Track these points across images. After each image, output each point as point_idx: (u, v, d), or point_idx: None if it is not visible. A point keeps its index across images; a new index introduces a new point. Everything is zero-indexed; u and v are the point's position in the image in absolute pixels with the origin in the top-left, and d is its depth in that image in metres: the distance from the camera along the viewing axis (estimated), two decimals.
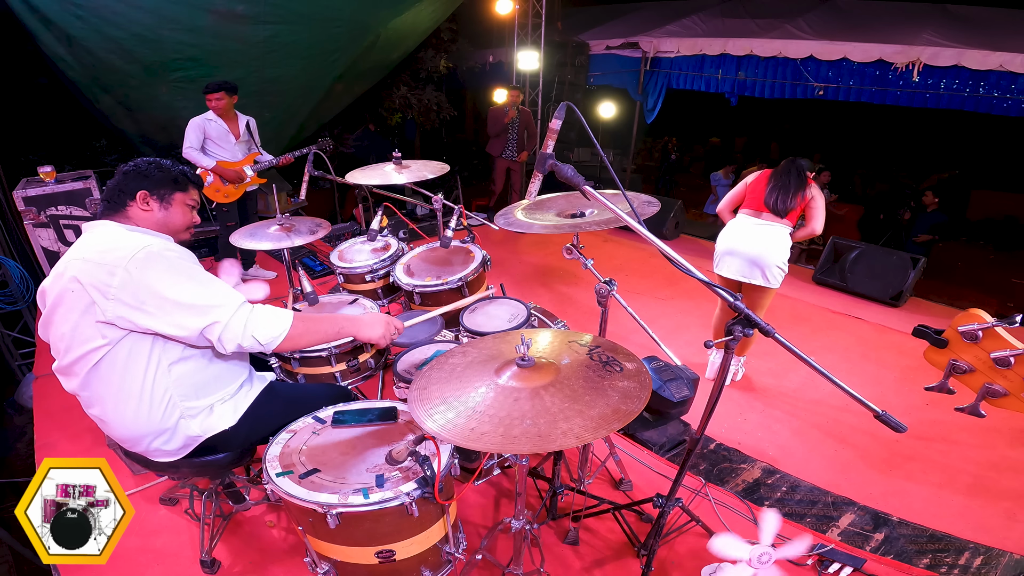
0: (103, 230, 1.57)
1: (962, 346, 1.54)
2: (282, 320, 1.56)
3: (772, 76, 6.13)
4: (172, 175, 1.65)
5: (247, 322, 1.50)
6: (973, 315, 1.50)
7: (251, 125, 4.23)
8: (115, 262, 1.44)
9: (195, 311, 1.46)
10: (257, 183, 4.35)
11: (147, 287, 1.44)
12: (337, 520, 1.39)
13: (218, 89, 3.94)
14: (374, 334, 1.73)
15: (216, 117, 3.99)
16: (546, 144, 1.46)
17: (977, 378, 1.54)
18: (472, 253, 2.86)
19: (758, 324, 1.24)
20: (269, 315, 1.55)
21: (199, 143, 3.98)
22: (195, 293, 1.47)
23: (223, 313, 1.48)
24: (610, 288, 1.81)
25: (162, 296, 1.44)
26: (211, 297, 1.48)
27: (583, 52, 7.74)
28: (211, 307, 1.47)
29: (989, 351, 1.47)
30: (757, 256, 3.10)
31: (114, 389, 1.53)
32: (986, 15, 5.48)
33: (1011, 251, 8.03)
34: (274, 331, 1.54)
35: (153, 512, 2.29)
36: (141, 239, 1.51)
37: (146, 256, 1.45)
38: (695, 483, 2.45)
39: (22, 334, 4.10)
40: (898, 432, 1.17)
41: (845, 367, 3.80)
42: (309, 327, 1.62)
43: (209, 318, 1.47)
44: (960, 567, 2.24)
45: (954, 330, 1.54)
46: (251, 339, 1.51)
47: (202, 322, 1.47)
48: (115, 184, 1.61)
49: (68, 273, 1.49)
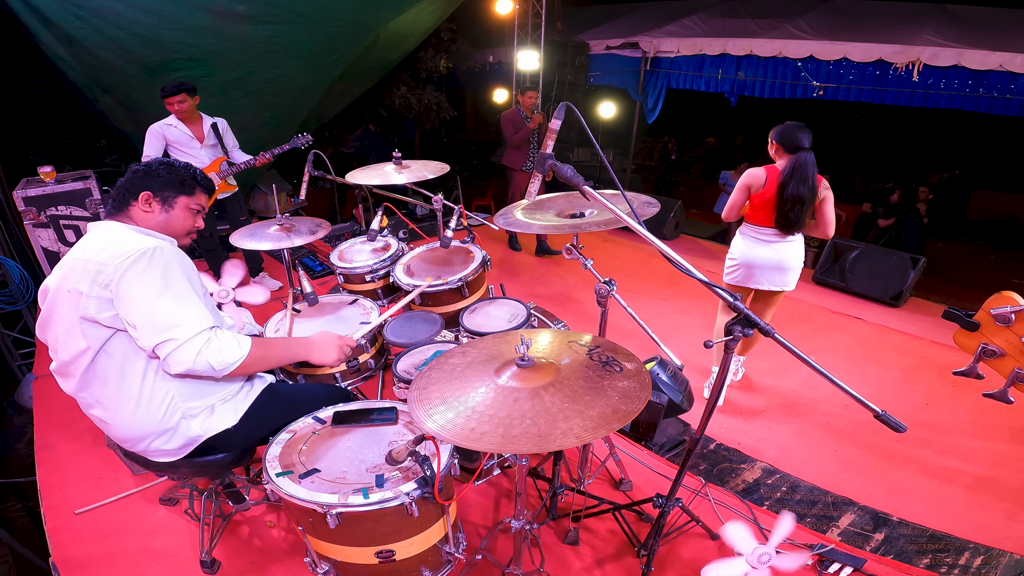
0: (107, 229, 1.57)
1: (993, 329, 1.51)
2: (240, 348, 1.55)
3: (772, 76, 6.13)
4: (180, 177, 1.66)
5: (202, 348, 1.48)
6: (1006, 297, 1.47)
7: (219, 127, 3.97)
8: (108, 260, 1.44)
9: (153, 327, 1.44)
10: (227, 190, 4.09)
11: (123, 290, 1.43)
12: (337, 520, 1.39)
13: (177, 91, 3.71)
14: (327, 358, 1.76)
15: (177, 121, 3.79)
16: (546, 144, 1.46)
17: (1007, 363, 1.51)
18: (472, 253, 2.85)
19: (758, 324, 1.24)
20: (230, 342, 1.54)
21: (160, 151, 3.80)
22: (163, 308, 1.45)
23: (181, 333, 1.46)
24: (610, 288, 1.81)
25: (130, 302, 1.44)
26: (176, 316, 1.46)
27: (583, 52, 7.73)
28: (170, 326, 1.45)
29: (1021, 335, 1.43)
30: (781, 262, 2.97)
31: (113, 390, 1.54)
32: (986, 15, 5.48)
33: (1011, 251, 8.03)
34: (230, 358, 1.53)
35: (153, 512, 2.29)
36: (143, 240, 1.51)
37: (136, 258, 1.45)
38: (695, 483, 2.45)
39: (22, 334, 4.10)
40: (898, 432, 1.17)
41: (845, 367, 3.80)
42: (265, 352, 1.63)
43: (164, 335, 1.45)
44: (960, 567, 2.24)
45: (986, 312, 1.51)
46: (205, 364, 1.49)
47: (156, 339, 1.45)
48: (123, 183, 1.61)
49: (68, 273, 1.49)
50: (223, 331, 1.56)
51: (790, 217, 2.81)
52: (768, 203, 2.88)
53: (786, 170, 2.77)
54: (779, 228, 2.90)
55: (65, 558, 2.07)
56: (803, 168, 2.72)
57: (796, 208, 2.77)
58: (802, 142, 2.76)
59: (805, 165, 2.72)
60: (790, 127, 2.81)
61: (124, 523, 2.24)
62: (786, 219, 2.82)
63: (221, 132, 3.98)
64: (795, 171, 2.74)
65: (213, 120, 3.96)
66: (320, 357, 1.76)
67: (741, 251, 3.07)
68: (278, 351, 1.70)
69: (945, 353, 3.92)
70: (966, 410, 3.30)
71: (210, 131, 3.93)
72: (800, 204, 2.76)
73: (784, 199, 2.78)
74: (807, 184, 2.73)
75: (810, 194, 2.75)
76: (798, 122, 2.83)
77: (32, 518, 3.13)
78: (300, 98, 5.80)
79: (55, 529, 2.20)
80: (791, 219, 2.81)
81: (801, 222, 2.83)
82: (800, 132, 2.78)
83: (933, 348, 4.00)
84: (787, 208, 2.79)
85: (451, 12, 6.84)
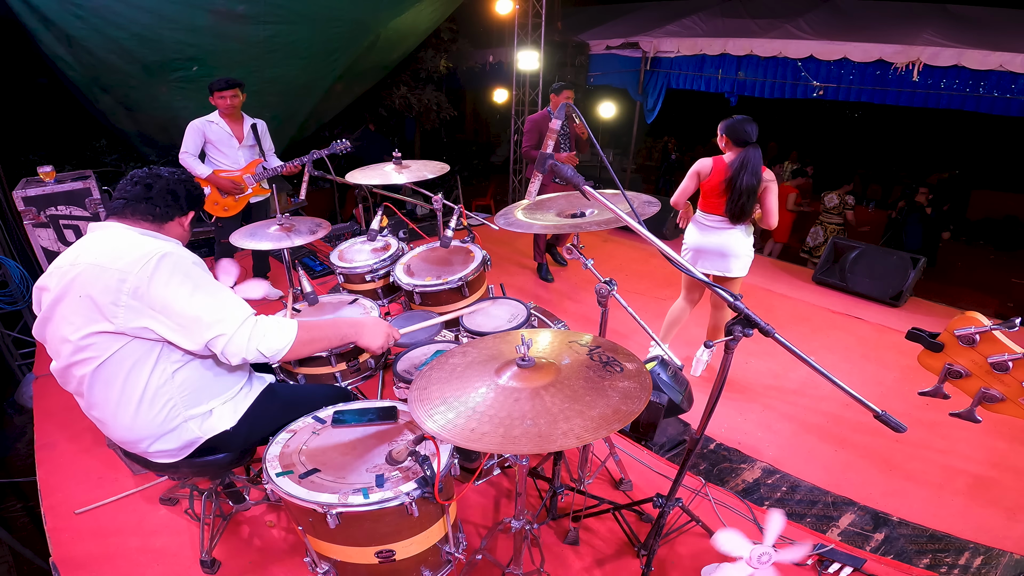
0: (112, 233, 1.55)
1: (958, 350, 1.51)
2: (287, 332, 1.56)
3: (772, 76, 6.13)
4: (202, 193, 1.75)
5: (251, 335, 1.50)
6: (970, 318, 1.48)
7: (259, 128, 3.89)
8: (128, 268, 1.43)
9: (200, 324, 1.46)
10: (261, 194, 4.01)
11: (157, 295, 1.43)
12: (337, 520, 1.39)
13: (229, 86, 3.63)
14: (374, 342, 1.73)
15: (219, 119, 3.73)
16: (546, 144, 1.46)
17: (973, 383, 1.51)
18: (472, 253, 2.85)
19: (758, 324, 1.24)
20: (274, 327, 1.55)
21: (198, 148, 3.73)
22: (202, 304, 1.47)
23: (228, 326, 1.47)
24: (610, 288, 1.81)
25: (170, 305, 1.44)
26: (218, 309, 1.48)
27: (583, 52, 7.74)
28: (216, 321, 1.47)
29: (986, 355, 1.44)
30: (724, 248, 3.16)
31: (115, 394, 1.53)
32: (986, 15, 5.48)
33: (1011, 251, 8.04)
34: (279, 343, 1.54)
35: (153, 512, 2.29)
36: (153, 244, 1.51)
37: (158, 262, 1.45)
38: (695, 483, 2.45)
39: (22, 334, 4.10)
40: (898, 432, 1.17)
41: (845, 367, 3.80)
42: (313, 335, 1.62)
43: (214, 331, 1.46)
44: (960, 567, 2.24)
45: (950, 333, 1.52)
46: (255, 352, 1.50)
47: (207, 335, 1.47)
48: (165, 189, 1.61)
49: (76, 276, 1.46)
50: (265, 318, 1.57)
51: (742, 207, 2.99)
52: (713, 191, 3.10)
53: (735, 163, 2.95)
54: (730, 217, 3.08)
55: (65, 558, 2.07)
56: (753, 162, 2.90)
57: (746, 199, 2.96)
58: (750, 136, 2.91)
59: (755, 159, 2.91)
60: (738, 121, 2.94)
61: (124, 523, 2.24)
62: (739, 209, 3.00)
63: (260, 134, 3.91)
64: (745, 164, 2.91)
65: (253, 121, 3.88)
66: (368, 341, 1.72)
67: (692, 238, 3.30)
68: (328, 332, 1.68)
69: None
70: None
71: (250, 132, 3.86)
72: (751, 195, 2.95)
73: (736, 191, 2.96)
74: (757, 176, 2.92)
75: (758, 185, 2.94)
76: (745, 116, 2.96)
77: (32, 518, 3.13)
78: (300, 98, 5.81)
79: (55, 529, 2.20)
80: (742, 209, 2.99)
81: (748, 212, 3.02)
82: (748, 126, 2.92)
83: None
84: (739, 199, 2.97)
85: (451, 12, 6.84)
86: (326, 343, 1.67)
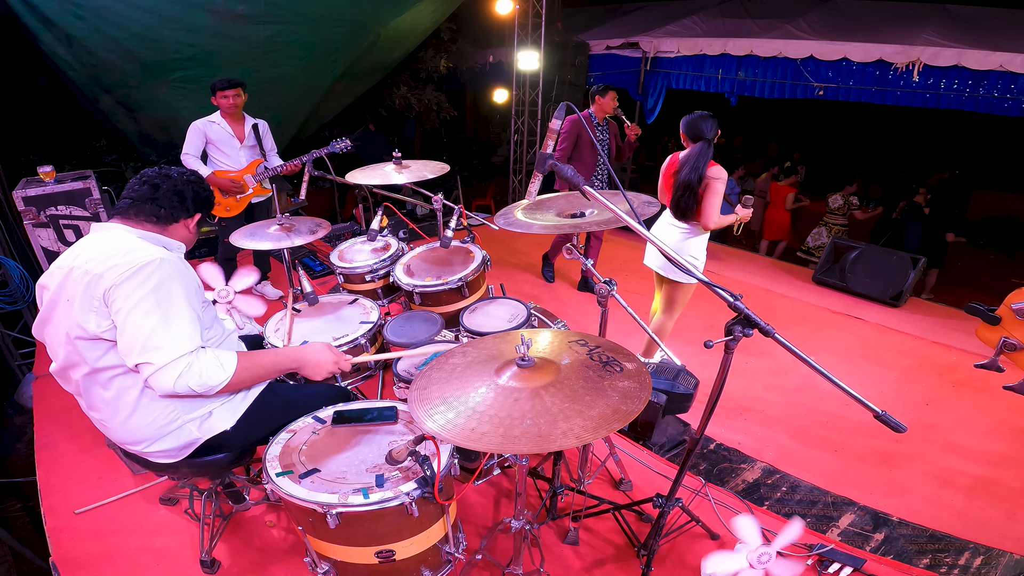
0: (114, 235, 1.54)
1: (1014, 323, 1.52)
2: (222, 371, 1.52)
3: (772, 76, 6.12)
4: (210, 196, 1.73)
5: (182, 372, 1.44)
6: None
7: (260, 128, 3.88)
8: (106, 273, 1.42)
9: (136, 345, 1.42)
10: (263, 194, 4.01)
11: (116, 303, 1.42)
12: (337, 520, 1.39)
13: (232, 85, 3.63)
14: (316, 375, 1.73)
15: (220, 119, 3.73)
16: (546, 144, 1.46)
17: None
18: (472, 253, 2.86)
19: (758, 324, 1.24)
20: (212, 364, 1.50)
21: (199, 149, 3.72)
22: (147, 327, 1.42)
23: (159, 357, 1.42)
24: (610, 288, 1.81)
25: (119, 316, 1.42)
26: (158, 337, 1.43)
27: (583, 52, 7.73)
28: (152, 348, 1.42)
29: None
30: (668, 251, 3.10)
31: (111, 397, 1.53)
32: (986, 15, 5.47)
33: (1011, 251, 8.03)
34: (213, 380, 1.50)
35: (153, 512, 2.29)
36: (148, 251, 1.49)
37: (134, 272, 1.43)
38: (695, 483, 2.45)
39: (22, 334, 4.10)
40: (898, 432, 1.17)
41: (845, 367, 3.80)
42: (253, 372, 1.61)
43: (144, 357, 1.42)
44: (960, 567, 2.24)
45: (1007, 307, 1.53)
46: (185, 388, 1.46)
47: (136, 359, 1.43)
48: (170, 190, 1.60)
49: (66, 279, 1.46)
50: (206, 353, 1.51)
51: (679, 203, 2.92)
52: (668, 186, 3.05)
53: (683, 158, 2.92)
54: (672, 212, 3.03)
55: (65, 558, 2.07)
56: (695, 157, 2.84)
57: (685, 194, 2.88)
58: (703, 132, 2.85)
59: (698, 154, 2.84)
60: (696, 117, 2.90)
61: (124, 523, 2.24)
62: (676, 204, 2.95)
63: (261, 134, 3.91)
64: (688, 159, 2.87)
65: (255, 121, 3.88)
66: (310, 373, 1.72)
67: (653, 232, 3.19)
68: (268, 367, 1.66)
69: (945, 353, 3.92)
70: (966, 410, 3.30)
71: (251, 132, 3.85)
72: (686, 190, 2.87)
73: (676, 185, 2.91)
74: (697, 172, 2.83)
75: (698, 181, 2.85)
76: (704, 112, 2.91)
77: (32, 518, 3.13)
78: (300, 98, 5.81)
79: (55, 529, 2.20)
80: (680, 205, 2.93)
81: (690, 209, 2.92)
82: (703, 123, 2.86)
83: (933, 348, 4.00)
84: (677, 194, 2.91)
85: (451, 12, 6.84)
86: (265, 376, 1.68)
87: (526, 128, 7.53)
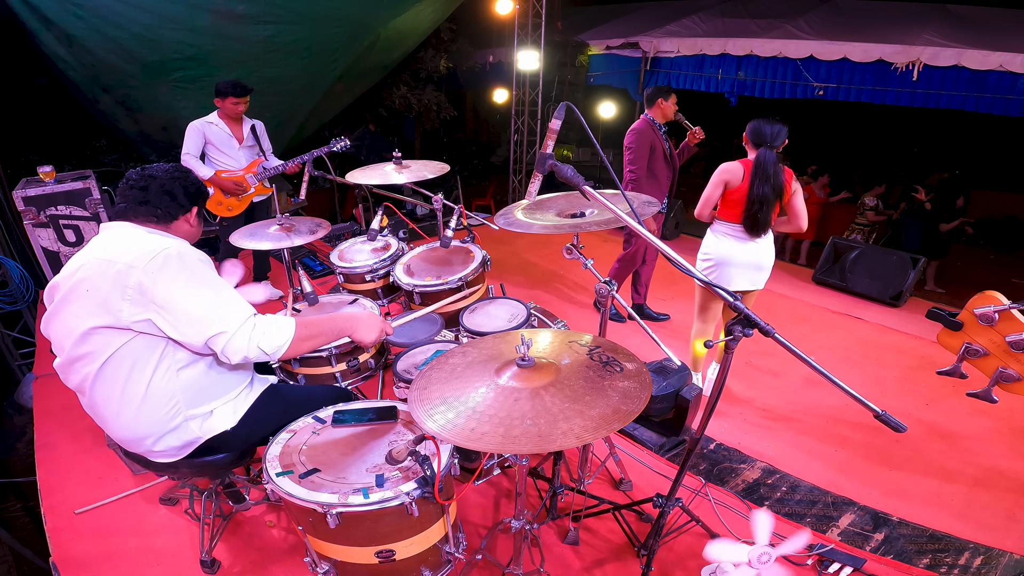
0: (122, 231, 1.57)
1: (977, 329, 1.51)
2: (286, 329, 1.56)
3: (772, 76, 6.13)
4: (203, 188, 1.73)
5: (252, 335, 1.50)
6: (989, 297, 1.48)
7: (257, 129, 3.91)
8: (134, 262, 1.44)
9: (203, 321, 1.47)
10: (264, 193, 4.04)
11: (161, 291, 1.44)
12: (337, 520, 1.39)
13: (245, 92, 3.66)
14: (368, 336, 1.76)
15: (218, 120, 3.73)
16: (546, 144, 1.46)
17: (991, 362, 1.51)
18: (472, 253, 2.86)
19: (758, 324, 1.24)
20: (273, 325, 1.56)
21: (198, 149, 3.73)
22: (206, 302, 1.48)
23: (230, 324, 1.48)
24: (610, 288, 1.81)
25: (173, 302, 1.45)
26: (220, 307, 1.49)
27: (583, 52, 7.74)
28: (218, 318, 1.48)
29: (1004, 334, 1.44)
30: (758, 262, 2.91)
31: (117, 391, 1.53)
32: (986, 15, 5.48)
33: (1011, 251, 8.03)
34: (279, 340, 1.54)
35: (153, 512, 2.29)
36: (161, 241, 1.53)
37: (165, 259, 1.46)
38: (695, 483, 2.45)
39: (22, 334, 4.10)
40: (898, 432, 1.17)
41: (845, 367, 3.80)
42: (311, 331, 1.63)
43: (215, 328, 1.47)
44: (960, 567, 2.24)
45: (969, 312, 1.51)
46: (256, 350, 1.51)
47: (208, 332, 1.47)
48: (163, 187, 1.60)
49: (84, 271, 1.48)
50: (263, 317, 1.58)
51: (757, 218, 2.74)
52: (744, 199, 2.78)
53: (751, 171, 2.71)
54: (746, 229, 2.81)
55: (65, 558, 2.07)
56: (763, 167, 2.66)
57: (762, 209, 2.71)
58: (764, 138, 2.68)
59: (764, 164, 2.65)
60: (759, 122, 2.73)
61: (124, 523, 2.24)
62: (753, 220, 2.75)
63: (259, 135, 3.94)
64: (756, 171, 2.68)
65: (253, 122, 3.91)
66: (363, 335, 1.75)
67: (717, 249, 2.94)
68: (325, 328, 1.69)
69: (945, 353, 3.90)
70: (966, 410, 3.30)
71: (249, 133, 3.88)
72: (765, 205, 2.69)
73: (750, 200, 2.72)
74: (770, 183, 2.66)
75: (774, 193, 2.68)
76: (769, 117, 2.74)
77: (32, 518, 3.13)
78: (300, 98, 5.81)
79: (55, 529, 2.20)
80: (758, 220, 2.74)
81: (767, 222, 2.76)
82: (766, 126, 2.69)
83: (933, 348, 3.99)
84: (753, 209, 2.73)
85: (451, 12, 6.85)
86: (323, 339, 1.68)
87: (526, 128, 7.53)
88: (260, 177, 3.95)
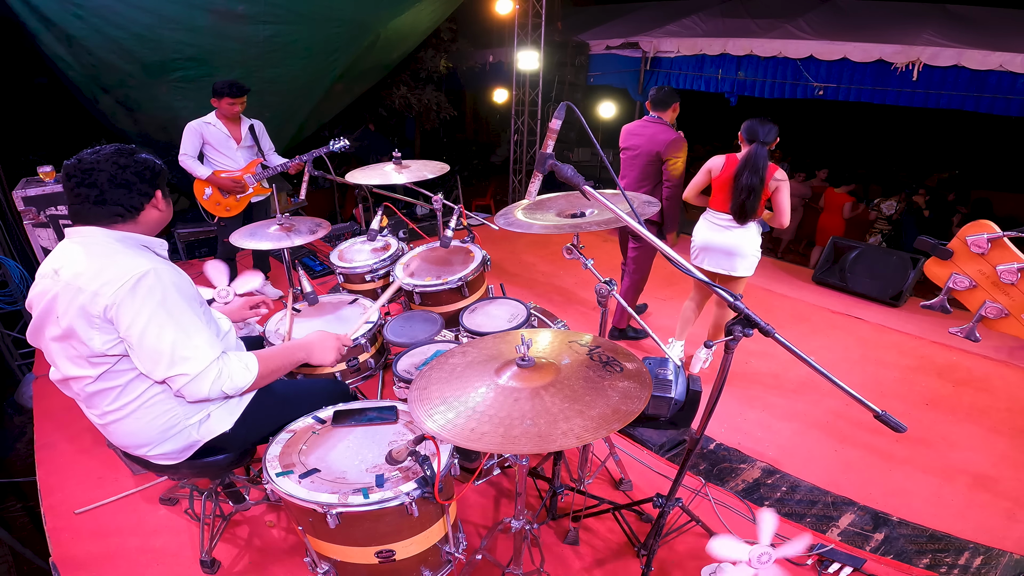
0: (91, 239, 1.45)
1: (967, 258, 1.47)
2: (248, 372, 1.54)
3: (772, 76, 6.13)
4: (159, 165, 1.56)
5: (216, 379, 1.47)
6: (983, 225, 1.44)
7: (256, 129, 3.92)
8: (101, 290, 1.37)
9: (163, 361, 1.41)
10: (262, 193, 4.03)
11: (125, 321, 1.38)
12: (337, 520, 1.39)
13: (242, 92, 3.66)
14: (327, 358, 1.76)
15: (216, 120, 3.74)
16: (546, 144, 1.46)
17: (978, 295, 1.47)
18: (472, 253, 2.86)
19: (758, 324, 1.24)
20: (239, 365, 1.53)
21: (196, 150, 3.75)
22: (169, 340, 1.41)
23: (192, 367, 1.43)
24: (610, 288, 1.81)
25: (135, 335, 1.39)
26: (185, 348, 1.43)
27: (583, 52, 7.74)
28: (180, 359, 1.42)
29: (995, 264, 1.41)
30: (732, 248, 3.17)
31: (112, 406, 1.53)
32: (986, 15, 5.48)
33: None
34: (242, 381, 1.53)
35: (153, 512, 2.29)
36: (136, 262, 1.41)
37: (136, 284, 1.38)
38: (695, 483, 2.45)
39: (22, 334, 4.10)
40: (898, 432, 1.17)
41: (845, 367, 3.80)
42: (271, 366, 1.62)
43: (176, 369, 1.43)
44: (960, 567, 2.24)
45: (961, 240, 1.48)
46: (219, 393, 1.49)
47: (167, 372, 1.43)
48: (114, 178, 1.43)
49: (57, 295, 1.41)
50: (229, 356, 1.54)
51: (744, 206, 2.99)
52: (722, 188, 3.12)
53: (741, 161, 2.97)
54: (734, 216, 3.08)
55: (65, 558, 2.07)
56: (755, 159, 2.91)
57: (749, 197, 2.96)
58: (758, 135, 2.93)
59: (756, 158, 2.91)
60: (752, 121, 2.98)
61: (124, 523, 2.24)
62: (741, 207, 3.02)
63: (258, 134, 3.93)
64: (747, 162, 2.93)
65: (251, 122, 3.90)
66: (320, 358, 1.76)
67: (701, 235, 3.32)
68: (282, 361, 1.68)
69: (945, 353, 3.91)
70: (966, 410, 3.30)
71: (247, 132, 3.87)
72: (752, 193, 2.95)
73: (739, 188, 2.98)
74: (758, 175, 2.91)
75: (760, 184, 2.93)
76: (762, 117, 2.99)
77: (32, 518, 3.13)
78: (300, 98, 5.80)
79: (55, 529, 2.20)
80: (745, 208, 3.00)
81: (754, 211, 3.01)
82: (759, 125, 2.94)
83: (933, 348, 3.99)
84: (741, 197, 2.98)
85: (451, 12, 6.84)
86: (283, 371, 1.68)
87: (526, 128, 7.53)
88: (259, 177, 3.95)
